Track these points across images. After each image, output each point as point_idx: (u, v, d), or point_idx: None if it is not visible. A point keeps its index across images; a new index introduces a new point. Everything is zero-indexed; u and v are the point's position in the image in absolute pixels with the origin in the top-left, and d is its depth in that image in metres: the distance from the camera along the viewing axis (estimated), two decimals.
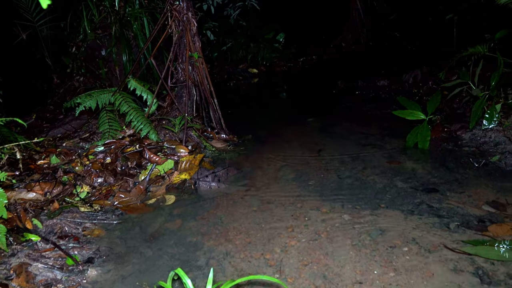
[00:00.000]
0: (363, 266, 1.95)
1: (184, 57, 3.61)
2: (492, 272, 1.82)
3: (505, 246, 1.90)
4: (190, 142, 3.54)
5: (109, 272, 2.04)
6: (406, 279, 1.83)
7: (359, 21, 8.57)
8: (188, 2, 3.53)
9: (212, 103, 3.82)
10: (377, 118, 4.27)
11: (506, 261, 1.87)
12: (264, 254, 2.10)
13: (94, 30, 5.07)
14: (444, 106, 4.18)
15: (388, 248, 2.07)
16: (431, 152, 3.27)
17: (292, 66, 7.76)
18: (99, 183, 2.94)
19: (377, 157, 3.24)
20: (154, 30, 3.60)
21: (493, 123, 3.31)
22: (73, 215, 2.53)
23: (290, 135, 3.97)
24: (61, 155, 3.25)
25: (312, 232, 2.27)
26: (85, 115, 4.12)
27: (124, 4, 5.00)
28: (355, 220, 2.36)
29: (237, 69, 7.45)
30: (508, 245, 1.90)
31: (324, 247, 2.12)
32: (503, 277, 1.78)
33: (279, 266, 1.99)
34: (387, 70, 6.08)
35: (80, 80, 5.26)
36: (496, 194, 2.50)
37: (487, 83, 3.40)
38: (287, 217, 2.45)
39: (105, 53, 5.06)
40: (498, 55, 3.32)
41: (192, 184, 2.99)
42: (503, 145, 3.12)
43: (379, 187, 2.74)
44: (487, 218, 2.25)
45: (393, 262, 1.96)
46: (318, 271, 1.94)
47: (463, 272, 1.84)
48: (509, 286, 1.72)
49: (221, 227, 2.41)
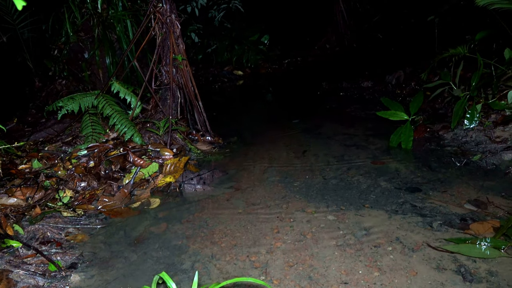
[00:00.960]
0: (348, 266, 1.96)
1: (168, 60, 3.59)
2: (474, 270, 1.84)
3: (486, 243, 1.93)
4: (175, 144, 3.52)
5: (92, 278, 2.02)
6: (391, 278, 1.84)
7: (343, 23, 8.64)
8: (171, 4, 3.52)
9: (197, 105, 3.81)
10: (361, 119, 4.31)
11: (487, 259, 1.90)
12: (249, 256, 2.10)
13: (76, 32, 5.01)
14: (426, 106, 4.24)
15: (373, 247, 2.09)
16: (414, 152, 3.31)
17: (277, 68, 7.79)
18: (83, 187, 2.90)
19: (361, 158, 3.27)
20: (137, 32, 3.58)
21: (474, 123, 3.37)
22: (56, 220, 2.49)
23: (275, 136, 3.97)
24: (43, 159, 3.20)
25: (298, 233, 2.28)
26: (68, 119, 4.07)
27: (107, 6, 4.96)
28: (340, 220, 2.37)
29: (222, 71, 7.45)
30: (489, 242, 1.93)
31: (309, 248, 2.13)
32: (484, 274, 1.81)
33: (264, 268, 1.99)
34: (371, 71, 6.14)
35: (62, 83, 5.20)
36: (478, 193, 2.54)
37: (468, 84, 3.46)
38: (273, 219, 2.45)
39: (88, 55, 5.01)
40: (478, 56, 3.38)
41: (177, 187, 2.97)
42: (484, 145, 3.17)
43: (363, 187, 2.76)
44: (469, 217, 2.28)
45: (377, 261, 1.97)
46: (303, 272, 1.94)
47: (445, 270, 1.86)
48: (490, 283, 1.75)
49: (207, 229, 2.40)
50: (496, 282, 1.75)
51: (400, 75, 5.37)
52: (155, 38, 3.62)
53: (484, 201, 2.42)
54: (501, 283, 1.74)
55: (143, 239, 2.35)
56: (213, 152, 3.65)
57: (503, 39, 3.65)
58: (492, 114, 3.40)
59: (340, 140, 3.70)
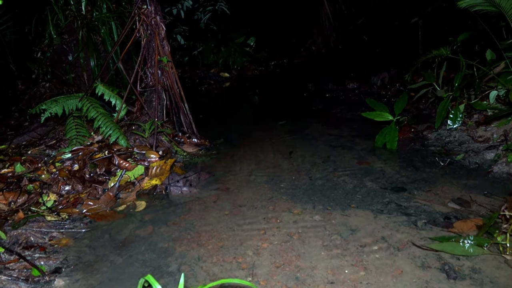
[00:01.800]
0: (335, 266, 1.97)
1: (153, 61, 3.57)
2: (458, 267, 1.87)
3: (469, 241, 1.96)
4: (161, 147, 3.49)
5: (77, 282, 1.99)
6: (376, 277, 1.86)
7: (329, 25, 8.70)
8: (156, 6, 3.50)
9: (183, 107, 3.79)
10: (347, 120, 4.34)
11: (470, 256, 1.93)
12: (236, 258, 2.10)
13: (60, 34, 4.95)
14: (411, 107, 4.29)
15: (359, 247, 2.10)
16: (399, 152, 3.34)
17: (263, 70, 7.80)
18: (67, 191, 2.86)
19: (347, 158, 3.29)
20: (122, 34, 3.55)
21: (457, 123, 3.42)
22: (39, 225, 2.45)
23: (261, 138, 3.98)
24: (26, 163, 3.15)
25: (284, 234, 2.28)
26: (52, 122, 4.01)
27: (91, 8, 4.91)
28: (326, 220, 2.38)
29: (208, 73, 7.43)
30: (472, 240, 1.96)
31: (296, 249, 2.13)
32: (468, 272, 1.83)
33: (251, 269, 1.99)
34: (356, 73, 6.19)
35: (46, 86, 5.13)
36: (461, 192, 2.58)
37: (451, 84, 3.51)
38: (259, 220, 2.45)
39: (72, 58, 4.95)
40: (460, 57, 3.44)
41: (163, 189, 2.95)
42: (467, 144, 3.22)
43: (349, 188, 2.78)
44: (453, 215, 2.31)
45: (363, 261, 1.98)
46: (290, 272, 1.94)
47: (430, 268, 1.88)
48: (474, 280, 1.77)
49: (193, 232, 2.39)
50: (479, 279, 1.77)
51: (385, 77, 5.43)
52: (140, 40, 3.60)
53: (467, 200, 2.46)
54: (484, 280, 1.77)
55: (129, 242, 2.32)
56: (200, 154, 3.64)
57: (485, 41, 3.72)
58: (475, 114, 3.46)
59: (326, 141, 3.72)
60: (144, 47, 3.58)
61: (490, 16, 3.26)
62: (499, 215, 2.01)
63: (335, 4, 8.77)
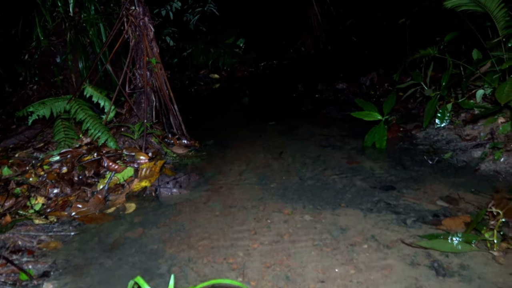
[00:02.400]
0: (325, 265, 1.97)
1: (142, 63, 3.56)
2: (447, 264, 1.89)
3: (458, 238, 1.98)
4: (150, 148, 3.48)
5: (66, 286, 1.97)
6: (367, 275, 1.87)
7: (318, 26, 8.73)
8: (144, 7, 3.49)
9: (172, 109, 3.78)
10: (337, 120, 4.36)
11: (459, 253, 1.95)
12: (227, 259, 2.09)
13: (47, 36, 4.90)
14: (399, 106, 4.32)
15: (349, 246, 2.11)
16: (388, 151, 3.37)
17: (253, 71, 7.80)
18: (55, 194, 2.83)
19: (337, 158, 3.31)
20: (110, 35, 3.53)
21: (445, 121, 3.45)
22: (27, 228, 2.43)
23: (252, 138, 3.97)
24: (14, 166, 3.11)
25: (275, 234, 2.28)
26: (39, 124, 3.97)
27: (79, 10, 4.87)
28: (317, 220, 2.39)
29: (198, 74, 7.41)
30: (460, 237, 1.98)
31: (287, 248, 2.14)
32: (456, 269, 1.85)
33: (242, 269, 1.99)
34: (346, 73, 6.22)
35: (34, 88, 5.07)
36: (449, 190, 2.61)
37: (438, 84, 3.54)
38: (250, 221, 2.45)
39: (60, 60, 4.90)
40: (447, 57, 3.47)
41: (153, 191, 2.94)
42: (455, 143, 3.26)
43: (339, 187, 2.79)
44: (441, 213, 2.33)
45: (353, 259, 1.99)
46: (281, 272, 1.95)
47: (419, 265, 1.90)
48: (462, 277, 1.79)
49: (183, 233, 2.38)
50: (467, 276, 1.79)
51: (374, 77, 5.46)
52: (129, 41, 3.58)
53: (455, 198, 2.49)
54: (473, 276, 1.79)
55: (119, 245, 2.31)
56: (190, 156, 3.63)
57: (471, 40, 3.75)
58: (462, 113, 3.50)
59: (316, 141, 3.73)
60: (132, 48, 3.56)
61: (476, 16, 3.30)
62: (487, 212, 2.04)
63: (324, 5, 8.80)
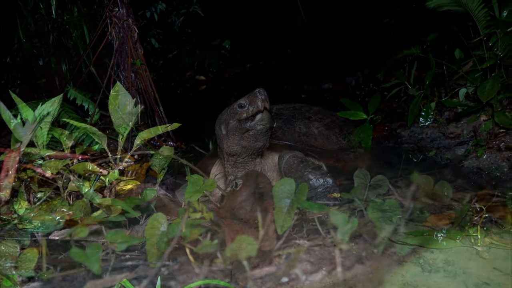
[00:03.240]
0: (312, 264, 1.98)
1: (126, 65, 3.53)
2: (432, 261, 1.91)
3: (442, 234, 2.00)
4: (136, 151, 3.44)
5: None
6: (353, 272, 1.87)
7: (304, 27, 8.78)
8: (128, 8, 3.47)
9: (158, 110, 3.76)
10: None
11: (444, 249, 1.97)
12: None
13: (30, 39, 4.84)
14: (384, 106, 4.37)
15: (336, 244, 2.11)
16: (374, 150, 3.39)
17: (239, 72, 7.80)
18: (39, 198, 2.79)
19: (323, 158, 3.32)
20: (93, 37, 3.50)
21: (429, 120, 3.50)
22: (11, 234, 2.38)
23: None
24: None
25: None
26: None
27: (61, 12, 4.82)
28: (304, 218, 2.39)
29: (184, 76, 7.39)
30: (445, 233, 2.00)
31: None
32: (442, 264, 1.87)
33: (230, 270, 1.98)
34: (332, 73, 6.25)
35: (16, 92, 4.99)
36: (434, 187, 2.63)
37: (422, 83, 3.59)
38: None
39: (43, 62, 4.84)
40: (430, 56, 3.52)
41: (139, 193, 2.91)
42: (439, 141, 3.30)
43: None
44: (426, 210, 2.36)
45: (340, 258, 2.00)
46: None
47: (405, 262, 1.92)
48: (447, 272, 1.81)
49: None
50: (452, 271, 1.82)
51: (359, 77, 5.51)
52: (113, 43, 3.56)
53: (440, 195, 2.51)
54: (457, 271, 1.81)
55: (105, 248, 2.28)
56: (176, 157, 3.60)
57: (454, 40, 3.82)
58: (446, 112, 3.54)
59: None
60: (116, 50, 3.54)
61: (458, 16, 3.35)
62: (470, 208, 2.07)
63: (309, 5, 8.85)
